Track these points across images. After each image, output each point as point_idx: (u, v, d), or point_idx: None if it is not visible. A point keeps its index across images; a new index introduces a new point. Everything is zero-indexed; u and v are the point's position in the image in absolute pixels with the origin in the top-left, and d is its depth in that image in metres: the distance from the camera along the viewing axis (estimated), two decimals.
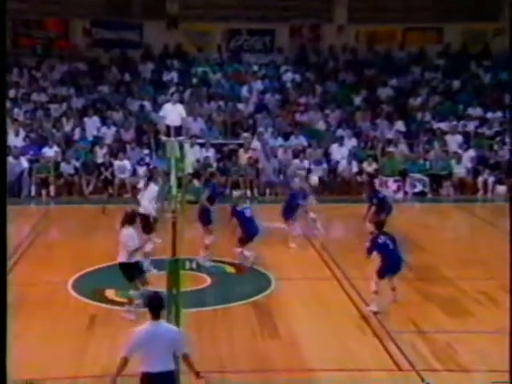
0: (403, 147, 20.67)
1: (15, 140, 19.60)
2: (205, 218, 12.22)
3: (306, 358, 8.33)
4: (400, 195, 19.40)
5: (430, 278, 11.48)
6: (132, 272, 9.37)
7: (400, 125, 21.59)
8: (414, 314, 9.67)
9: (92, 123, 20.72)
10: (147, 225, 11.56)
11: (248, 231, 11.92)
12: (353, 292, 10.68)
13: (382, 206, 13.81)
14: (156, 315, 5.81)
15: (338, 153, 20.33)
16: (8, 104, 21.12)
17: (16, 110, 20.93)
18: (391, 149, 20.37)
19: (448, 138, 20.92)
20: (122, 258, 9.43)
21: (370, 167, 19.74)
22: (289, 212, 13.70)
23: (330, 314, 9.82)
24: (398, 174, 19.66)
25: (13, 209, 15.10)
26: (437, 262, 12.47)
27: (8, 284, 10.97)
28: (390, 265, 9.76)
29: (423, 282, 11.17)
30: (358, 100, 22.74)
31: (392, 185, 19.52)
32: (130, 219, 9.64)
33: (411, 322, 9.38)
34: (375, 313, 9.55)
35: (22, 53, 23.37)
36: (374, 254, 9.93)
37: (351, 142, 20.74)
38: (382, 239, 9.86)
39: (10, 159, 18.47)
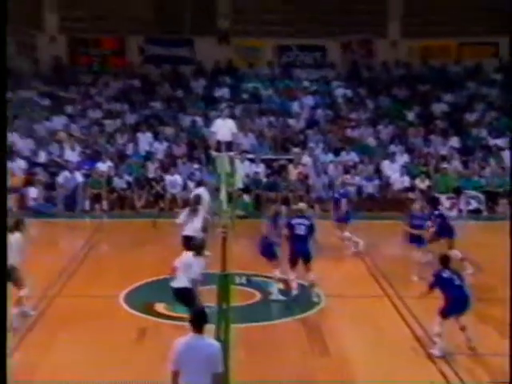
0: (457, 164, 20.32)
1: (71, 155, 20.09)
2: (268, 253, 11.10)
3: (356, 378, 8.21)
4: (454, 213, 18.97)
5: (486, 298, 11.16)
6: (190, 299, 9.04)
7: (454, 141, 21.24)
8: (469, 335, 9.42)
9: (144, 138, 21.02)
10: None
11: (293, 250, 11.06)
12: (405, 311, 10.48)
13: (443, 227, 12.43)
14: (198, 329, 5.74)
15: (390, 169, 20.12)
16: (65, 120, 21.73)
17: (72, 126, 21.43)
18: (445, 165, 20.05)
19: (504, 154, 20.47)
20: (181, 283, 9.18)
21: (422, 184, 19.45)
22: (415, 237, 12.39)
23: (381, 333, 9.65)
24: (452, 191, 19.28)
25: (67, 222, 15.46)
26: (494, 282, 12.13)
27: (63, 296, 11.23)
28: (456, 303, 8.81)
29: (479, 303, 10.87)
30: (411, 115, 22.48)
31: (446, 202, 19.14)
32: (198, 248, 9.38)
33: (466, 345, 9.13)
34: (439, 357, 8.73)
35: (79, 70, 24.00)
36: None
37: (403, 158, 20.49)
38: (446, 274, 8.94)
39: (66, 173, 18.96)
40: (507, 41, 23.39)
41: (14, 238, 9.55)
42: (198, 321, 5.77)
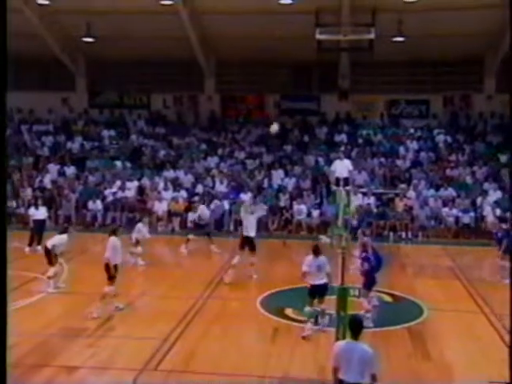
0: None
1: (220, 186, 20.74)
2: (368, 284, 10.31)
3: (456, 380, 7.77)
4: None
5: None
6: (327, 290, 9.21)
7: None
8: None
9: (277, 174, 21.30)
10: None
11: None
12: (500, 327, 9.78)
13: None
14: (354, 335, 5.62)
15: (484, 203, 19.06)
16: (217, 159, 22.50)
17: (222, 164, 22.16)
18: None
19: None
20: (321, 280, 9.28)
21: None
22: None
23: (480, 344, 9.04)
24: None
25: (216, 240, 15.94)
26: None
27: (213, 297, 11.51)
28: None
29: None
30: (503, 158, 21.23)
31: None
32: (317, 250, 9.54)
33: None
34: None
35: (228, 121, 24.85)
36: None
37: (496, 194, 19.35)
38: None
39: (217, 201, 19.52)
40: None
41: (110, 241, 10.10)
42: (354, 328, 5.67)
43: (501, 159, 21.24)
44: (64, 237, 11.83)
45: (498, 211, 18.48)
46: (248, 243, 12.62)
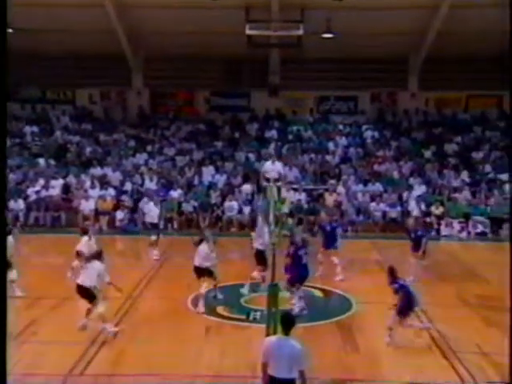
0: (467, 194, 19.87)
1: (150, 184, 20.40)
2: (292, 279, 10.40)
3: (383, 371, 8.02)
4: (464, 235, 18.62)
5: (493, 306, 10.80)
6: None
7: (465, 175, 20.82)
8: (477, 338, 9.10)
9: (208, 171, 21.24)
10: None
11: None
12: (424, 318, 10.18)
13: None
14: (285, 330, 5.62)
15: (410, 197, 19.80)
16: (145, 156, 22.13)
17: (151, 161, 21.81)
18: (456, 195, 19.65)
19: (506, 186, 19.92)
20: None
21: (437, 210, 19.07)
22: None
23: (406, 334, 9.26)
24: (462, 216, 18.88)
25: (146, 239, 15.62)
26: (500, 293, 11.72)
27: (143, 297, 11.31)
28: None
29: (487, 311, 10.52)
30: (427, 154, 22.16)
31: (457, 226, 18.78)
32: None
33: (475, 345, 8.82)
34: None
35: (158, 117, 24.50)
36: None
37: (421, 189, 20.16)
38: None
39: (146, 200, 19.06)
40: (508, 93, 23.05)
41: (92, 266, 9.25)
42: (286, 324, 5.66)
43: (425, 154, 22.14)
44: (10, 239, 10.65)
45: (423, 205, 19.26)
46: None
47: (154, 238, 14.74)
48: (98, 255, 9.49)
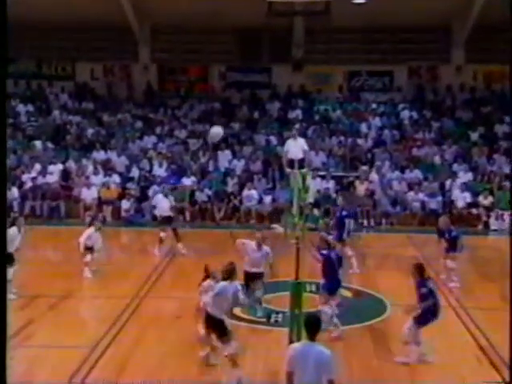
0: None
1: (159, 170, 20.49)
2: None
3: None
4: None
5: None
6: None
7: None
8: None
9: (224, 156, 21.25)
10: None
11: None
12: (468, 321, 10.09)
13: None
14: (310, 335, 5.56)
15: (454, 186, 19.59)
16: (154, 139, 22.22)
17: (160, 145, 21.90)
18: (507, 183, 19.35)
19: None
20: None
21: (485, 200, 18.85)
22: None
23: (447, 341, 9.23)
24: None
25: (155, 231, 15.72)
26: None
27: (150, 296, 11.37)
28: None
29: None
30: (474, 136, 21.88)
31: (508, 218, 18.51)
32: None
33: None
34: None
35: (167, 95, 24.54)
36: None
37: (467, 176, 19.93)
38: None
39: (155, 187, 19.17)
40: None
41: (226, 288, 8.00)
42: (311, 328, 5.58)
43: (471, 137, 21.87)
44: (14, 230, 10.64)
45: (469, 196, 19.04)
46: None
47: (163, 234, 14.68)
48: (231, 273, 8.00)
